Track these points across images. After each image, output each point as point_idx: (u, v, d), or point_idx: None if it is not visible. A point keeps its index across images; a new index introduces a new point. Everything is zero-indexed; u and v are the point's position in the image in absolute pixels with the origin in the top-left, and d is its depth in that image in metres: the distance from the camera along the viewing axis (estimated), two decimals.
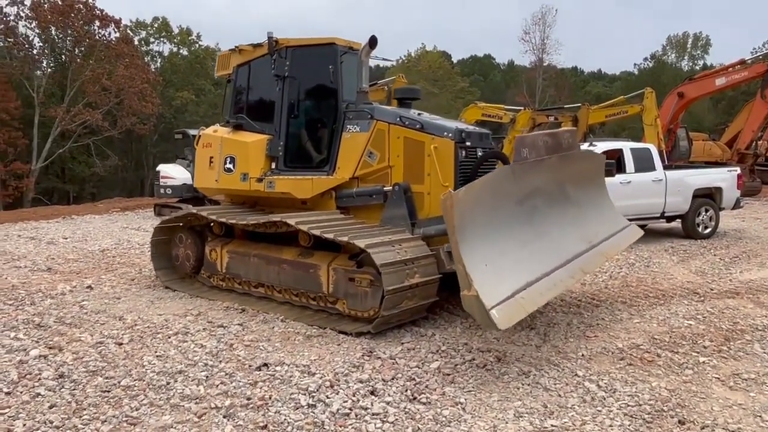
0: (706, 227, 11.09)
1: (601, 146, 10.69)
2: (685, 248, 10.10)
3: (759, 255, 9.47)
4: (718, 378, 4.45)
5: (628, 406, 3.95)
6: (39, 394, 4.05)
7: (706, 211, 11.04)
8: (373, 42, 6.39)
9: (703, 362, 4.76)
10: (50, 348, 4.95)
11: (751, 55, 25.10)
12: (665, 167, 11.26)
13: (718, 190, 11.10)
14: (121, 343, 5.10)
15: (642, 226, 12.03)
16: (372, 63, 7.26)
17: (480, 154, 6.07)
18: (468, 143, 5.95)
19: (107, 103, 35.40)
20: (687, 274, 8.15)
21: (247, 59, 7.24)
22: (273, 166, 6.88)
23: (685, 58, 58.12)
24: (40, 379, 4.29)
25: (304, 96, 6.92)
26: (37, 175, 35.03)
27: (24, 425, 3.60)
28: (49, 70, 37.19)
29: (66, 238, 11.12)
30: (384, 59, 8.19)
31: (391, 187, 6.09)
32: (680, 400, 4.04)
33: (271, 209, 7.07)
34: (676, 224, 11.50)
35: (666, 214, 10.84)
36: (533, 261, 4.86)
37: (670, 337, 5.39)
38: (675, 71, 54.08)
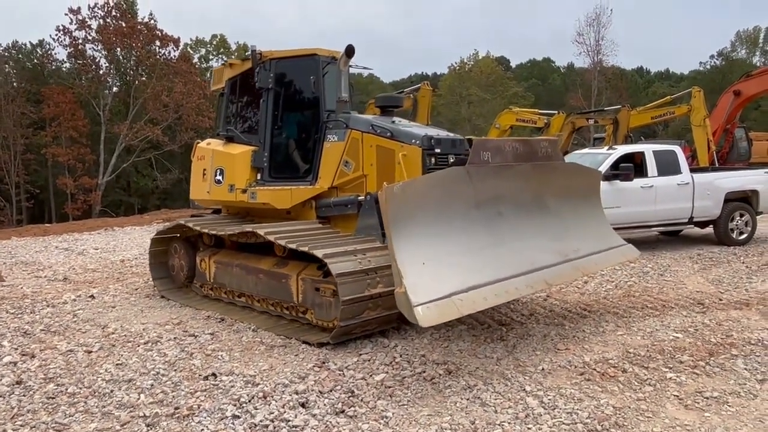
0: (741, 233, 10.39)
1: (622, 149, 10.24)
2: (713, 255, 9.49)
3: None
4: (677, 396, 4.15)
5: (562, 424, 3.74)
6: None
7: (741, 215, 10.34)
8: (350, 51, 6.40)
9: (670, 378, 4.45)
10: (23, 355, 5.19)
11: None
12: (696, 170, 10.65)
13: (755, 193, 10.38)
14: (91, 351, 5.28)
15: (675, 233, 11.53)
16: (357, 71, 7.23)
17: (452, 160, 5.93)
18: (438, 150, 5.83)
19: (167, 119, 37.05)
20: (701, 284, 7.66)
21: (236, 73, 7.40)
22: (258, 177, 6.97)
23: (757, 53, 54.89)
24: None
25: (287, 107, 6.99)
26: (104, 188, 37.03)
27: None
28: (114, 89, 39.29)
29: (96, 249, 11.67)
30: (364, 68, 8.15)
31: (364, 197, 6.05)
32: (621, 420, 3.79)
33: (260, 220, 7.17)
34: (711, 230, 10.83)
35: (695, 220, 10.24)
36: (486, 266, 4.70)
37: (647, 351, 5.07)
38: (746, 68, 51.15)
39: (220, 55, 49.39)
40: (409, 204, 4.29)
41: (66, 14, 35.34)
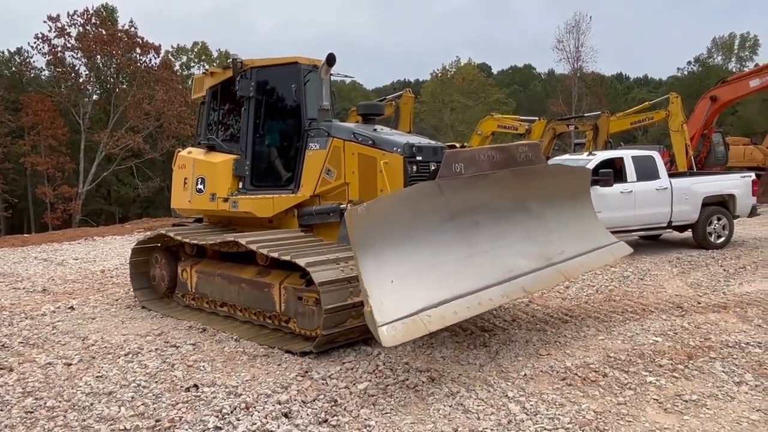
0: (719, 236, 10.55)
1: (601, 155, 10.36)
2: (692, 259, 9.63)
3: None
4: (657, 400, 4.20)
5: (544, 430, 3.76)
6: None
7: (719, 219, 10.51)
8: (330, 60, 6.41)
9: (650, 382, 4.50)
10: (1, 369, 5.11)
11: None
12: (674, 175, 10.81)
13: (731, 197, 10.56)
14: (70, 364, 5.21)
15: (655, 237, 11.67)
16: (339, 79, 7.25)
17: (434, 168, 5.95)
18: (419, 158, 5.86)
19: (148, 127, 36.78)
20: (680, 287, 7.76)
21: (217, 81, 7.38)
22: (240, 185, 6.95)
23: (733, 60, 55.88)
24: None
25: (269, 116, 6.99)
26: (85, 197, 36.59)
27: None
28: (94, 96, 38.91)
29: (76, 259, 11.52)
30: (345, 76, 8.16)
31: (346, 205, 6.06)
32: (602, 424, 3.82)
33: (242, 228, 7.14)
34: (689, 234, 10.98)
35: (674, 224, 10.38)
36: (459, 278, 4.69)
37: (628, 355, 5.13)
38: (722, 74, 52.08)
39: (201, 63, 49.22)
40: (375, 224, 4.28)
41: (45, 21, 34.99)
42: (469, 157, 4.96)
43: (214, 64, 49.23)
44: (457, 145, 6.51)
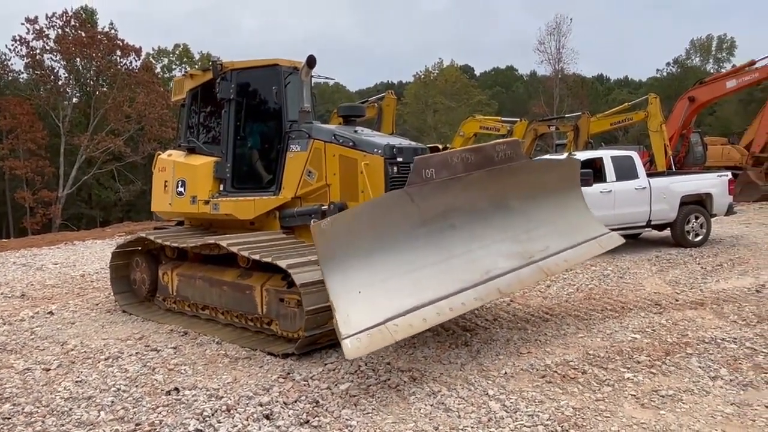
0: (696, 235, 10.71)
1: (581, 155, 10.45)
2: (671, 257, 9.77)
3: (745, 262, 9.10)
4: (635, 395, 4.26)
5: (524, 427, 3.81)
6: None
7: (696, 218, 10.67)
8: (311, 61, 6.41)
9: (628, 378, 4.57)
10: None
11: None
12: (652, 174, 10.96)
13: (708, 196, 10.72)
14: (49, 369, 5.16)
15: (635, 236, 11.81)
16: (321, 81, 7.26)
17: None
18: (400, 159, 5.88)
19: (129, 130, 36.44)
20: (658, 285, 7.88)
21: (197, 83, 7.35)
22: (221, 188, 6.92)
23: (710, 61, 56.74)
24: None
25: (249, 118, 6.97)
26: (65, 202, 36.12)
27: None
28: (74, 99, 38.46)
29: (56, 264, 11.39)
30: (326, 78, 8.17)
31: (327, 206, 6.06)
32: (581, 420, 3.87)
33: (224, 231, 7.11)
34: (668, 233, 11.13)
35: (653, 223, 10.53)
36: (431, 283, 4.67)
37: (607, 352, 5.20)
38: (700, 75, 52.89)
39: (183, 65, 48.86)
40: (341, 236, 4.32)
41: (23, 24, 34.53)
42: (440, 161, 4.91)
43: (196, 67, 49.08)
44: (440, 146, 6.53)
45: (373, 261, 4.47)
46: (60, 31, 35.15)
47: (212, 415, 4.09)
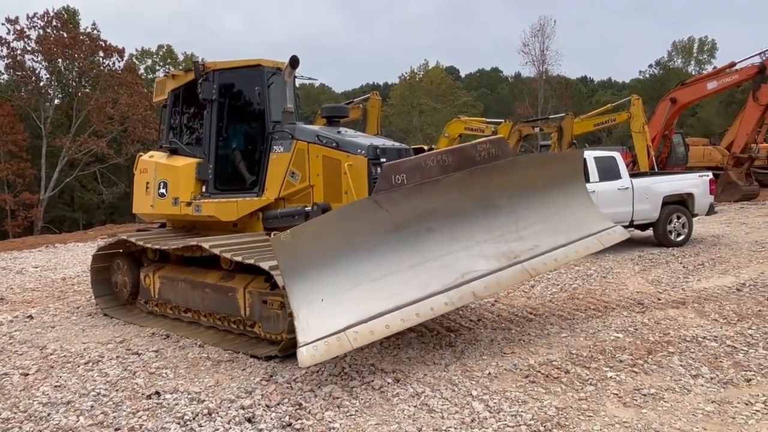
0: (678, 234, 10.82)
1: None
2: (653, 257, 9.85)
3: (726, 262, 9.20)
4: (617, 394, 4.28)
5: (507, 427, 3.81)
6: None
7: (678, 218, 10.77)
8: (294, 62, 6.38)
9: (610, 377, 4.59)
10: None
11: None
12: (635, 175, 11.05)
13: (690, 196, 10.83)
14: (27, 374, 5.08)
15: None
16: (307, 83, 7.23)
17: None
18: (383, 159, 5.86)
19: (112, 131, 36.05)
20: (641, 284, 7.94)
21: (179, 84, 7.29)
22: (203, 189, 6.87)
23: (692, 62, 57.43)
24: None
25: (232, 118, 6.93)
26: (47, 204, 35.66)
27: None
28: (56, 101, 37.98)
29: (36, 267, 11.23)
30: (309, 79, 8.14)
31: (311, 207, 6.03)
32: (564, 420, 3.88)
33: (206, 233, 7.05)
34: (651, 232, 11.23)
35: (635, 223, 10.61)
36: (402, 288, 4.65)
37: (590, 351, 5.22)
38: (682, 77, 53.48)
39: (167, 66, 48.41)
40: (302, 248, 4.34)
41: (3, 24, 34.01)
42: (412, 166, 4.85)
43: (180, 68, 48.83)
44: (425, 147, 6.52)
45: (339, 269, 4.48)
46: (41, 31, 34.69)
47: (193, 418, 4.05)
